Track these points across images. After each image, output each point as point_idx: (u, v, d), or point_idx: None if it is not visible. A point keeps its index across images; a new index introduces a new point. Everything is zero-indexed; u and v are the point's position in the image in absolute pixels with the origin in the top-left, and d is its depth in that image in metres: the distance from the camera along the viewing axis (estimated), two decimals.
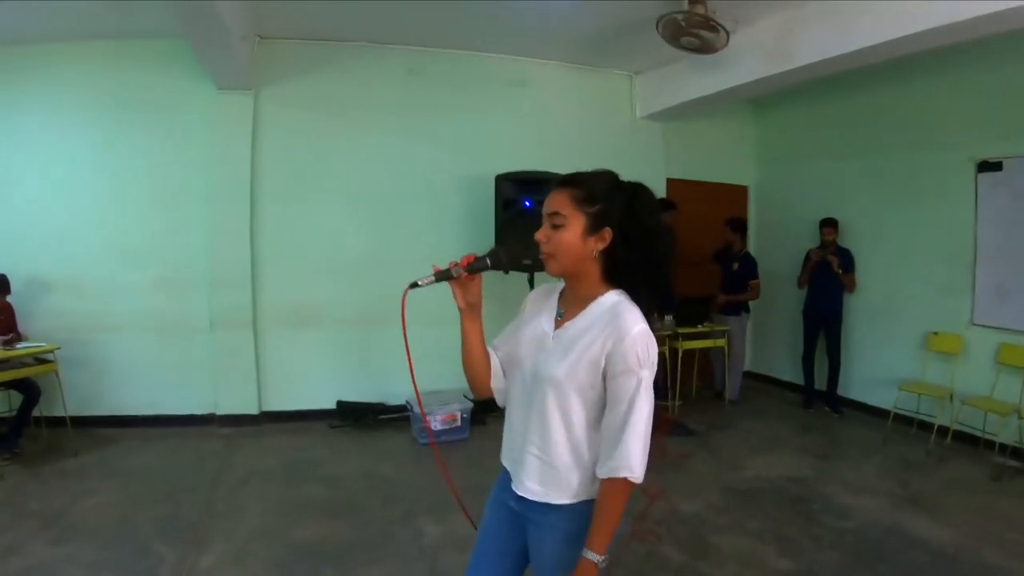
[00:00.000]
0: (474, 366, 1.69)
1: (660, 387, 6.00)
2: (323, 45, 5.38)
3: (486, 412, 5.30)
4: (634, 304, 1.49)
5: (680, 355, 5.77)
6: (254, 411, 5.35)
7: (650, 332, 1.46)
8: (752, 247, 6.83)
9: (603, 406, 1.49)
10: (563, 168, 1.70)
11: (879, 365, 5.68)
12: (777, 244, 6.77)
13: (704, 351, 6.21)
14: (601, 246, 1.49)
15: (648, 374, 1.43)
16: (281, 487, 4.08)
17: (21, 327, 4.68)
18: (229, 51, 4.36)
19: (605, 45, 5.47)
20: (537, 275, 5.26)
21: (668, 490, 3.98)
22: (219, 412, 5.29)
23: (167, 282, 5.22)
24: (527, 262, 2.09)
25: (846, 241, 5.81)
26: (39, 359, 4.54)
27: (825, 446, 5.07)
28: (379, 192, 5.58)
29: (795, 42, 4.48)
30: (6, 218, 4.96)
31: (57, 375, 4.56)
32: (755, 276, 6.16)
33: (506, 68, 5.87)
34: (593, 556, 1.42)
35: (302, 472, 4.33)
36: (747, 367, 6.94)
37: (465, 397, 5.11)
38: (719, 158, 7.00)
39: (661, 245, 1.50)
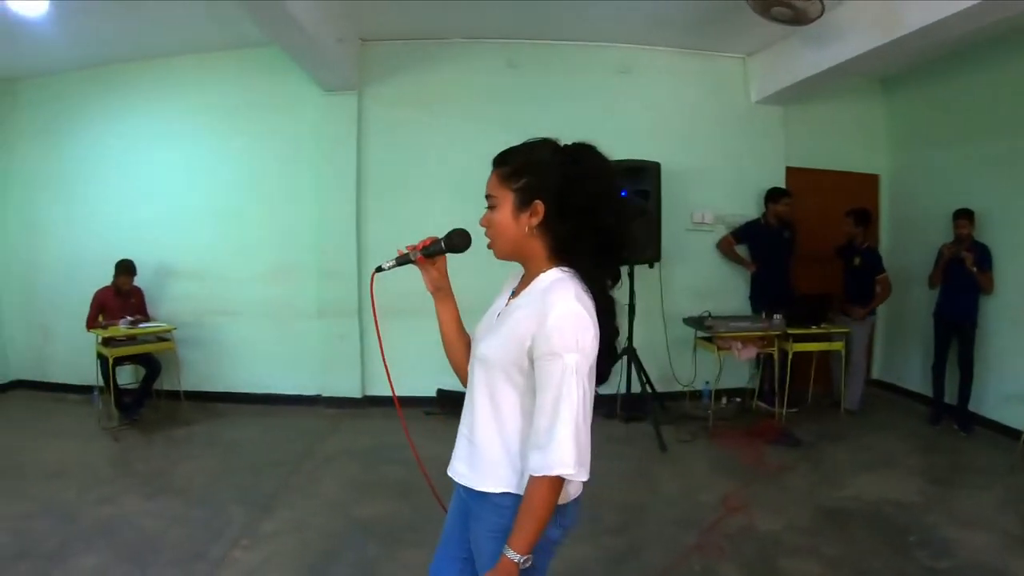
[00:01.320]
0: (450, 351, 1.70)
1: (767, 392, 5.59)
2: (422, 44, 5.55)
3: None
4: (575, 282, 1.38)
5: (790, 358, 5.29)
6: (357, 395, 5.66)
7: (583, 313, 1.33)
8: (884, 243, 6.18)
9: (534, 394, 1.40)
10: (674, 157, 1.64)
11: (1017, 378, 4.84)
12: (910, 239, 6.01)
13: (824, 355, 5.68)
14: (535, 221, 1.41)
15: (577, 359, 1.30)
16: (361, 466, 4.30)
17: (149, 310, 5.36)
18: (323, 55, 4.66)
19: (712, 27, 5.18)
20: (637, 268, 5.16)
21: (751, 503, 3.73)
22: (325, 394, 5.66)
23: (280, 272, 5.67)
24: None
25: (984, 235, 5.01)
26: (160, 338, 5.14)
27: (943, 469, 4.43)
28: (480, 185, 5.61)
29: (905, 5, 3.96)
30: (141, 211, 5.65)
31: (175, 353, 5.14)
32: (882, 270, 5.53)
33: (608, 56, 5.72)
34: (513, 555, 1.33)
35: (385, 454, 4.50)
36: (875, 375, 6.28)
37: None
38: (846, 144, 6.31)
39: (607, 210, 1.39)
